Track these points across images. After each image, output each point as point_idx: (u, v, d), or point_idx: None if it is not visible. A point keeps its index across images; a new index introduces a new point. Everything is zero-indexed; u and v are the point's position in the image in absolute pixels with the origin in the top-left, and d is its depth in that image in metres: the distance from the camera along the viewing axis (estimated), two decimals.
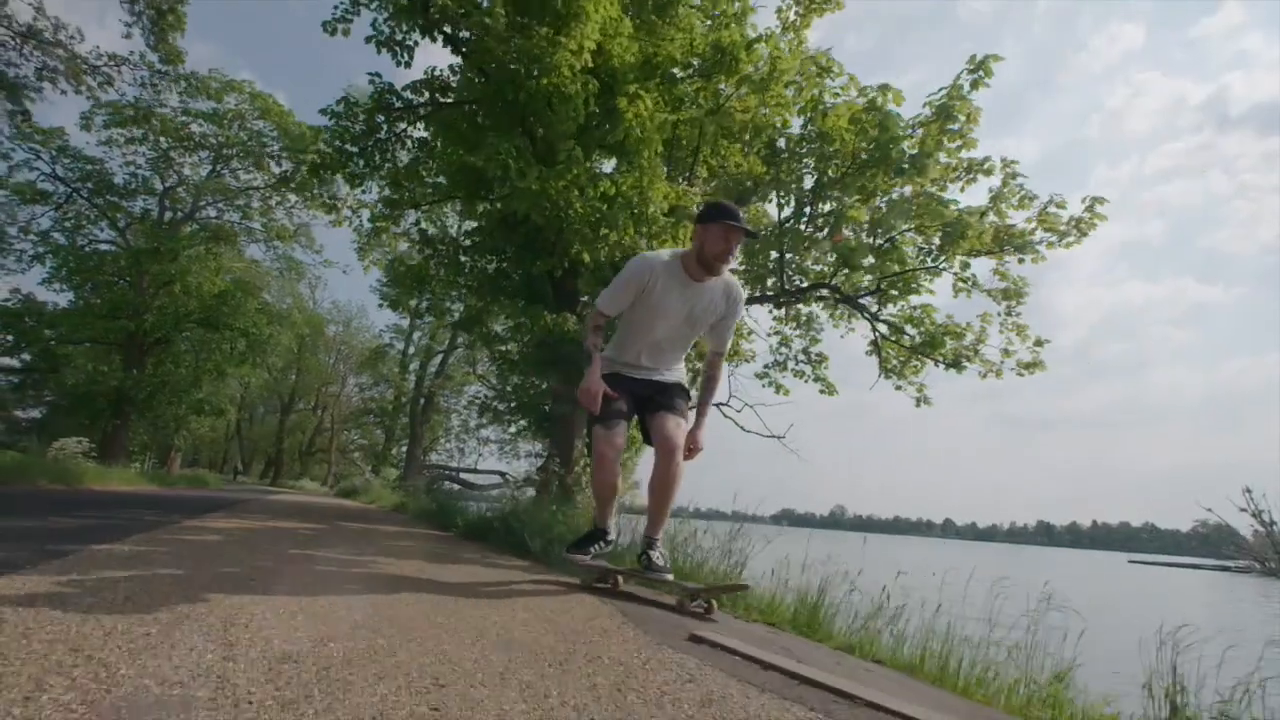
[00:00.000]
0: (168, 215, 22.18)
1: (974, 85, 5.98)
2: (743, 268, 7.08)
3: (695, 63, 7.27)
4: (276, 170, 20.87)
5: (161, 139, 19.66)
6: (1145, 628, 2.47)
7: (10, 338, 19.29)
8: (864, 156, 5.65)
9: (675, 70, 7.26)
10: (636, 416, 2.77)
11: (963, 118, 5.85)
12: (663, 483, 2.60)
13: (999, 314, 6.84)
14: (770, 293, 6.84)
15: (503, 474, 19.01)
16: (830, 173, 6.01)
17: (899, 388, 7.72)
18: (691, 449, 2.63)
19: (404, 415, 25.03)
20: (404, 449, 25.70)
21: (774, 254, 6.75)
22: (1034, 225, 6.27)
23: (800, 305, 7.23)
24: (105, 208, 20.61)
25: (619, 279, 2.69)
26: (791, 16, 7.10)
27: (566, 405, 7.02)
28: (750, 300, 7.09)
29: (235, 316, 20.91)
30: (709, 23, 7.88)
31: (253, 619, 1.66)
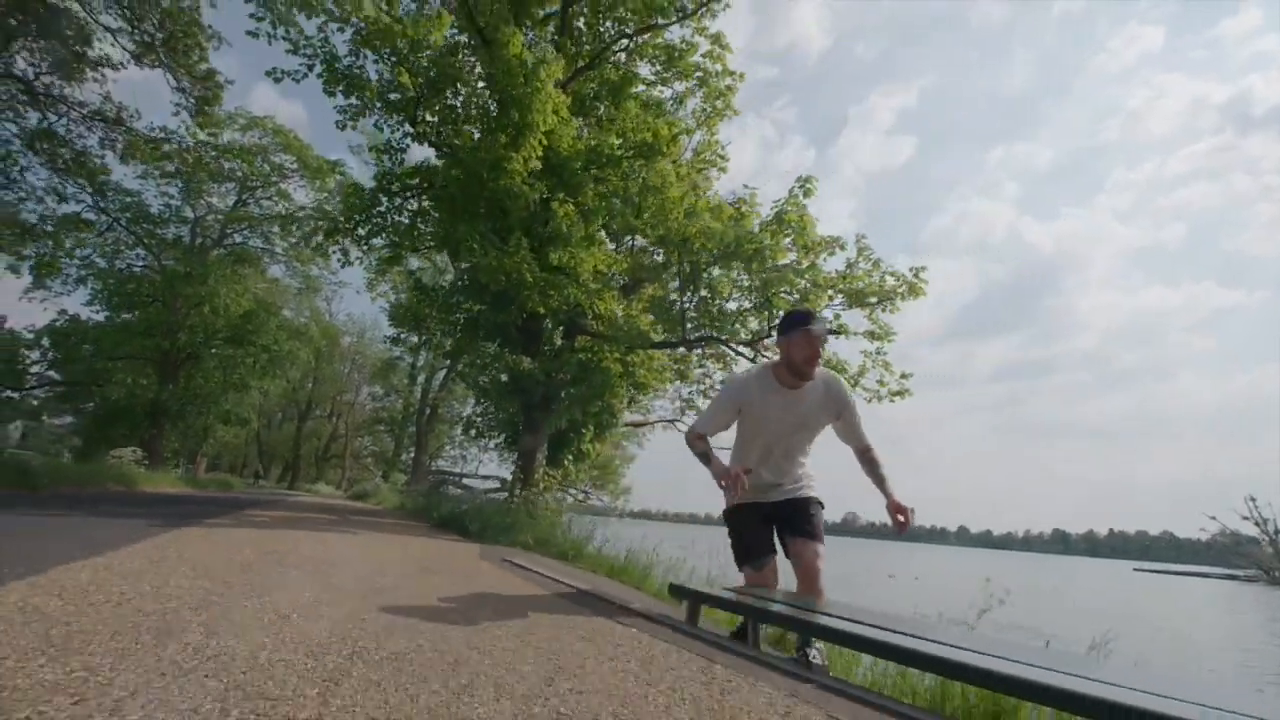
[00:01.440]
0: (198, 241, 24.39)
1: (806, 194, 7.93)
2: (657, 326, 8.92)
3: (630, 152, 9.09)
4: (299, 200, 23.02)
5: (194, 173, 21.81)
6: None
7: (56, 355, 21.54)
8: (728, 248, 7.45)
9: (616, 153, 9.08)
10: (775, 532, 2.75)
11: (795, 220, 7.69)
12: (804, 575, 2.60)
13: (871, 353, 8.62)
14: (674, 340, 8.69)
15: (501, 479, 20.91)
16: (703, 260, 7.84)
17: None
18: (902, 514, 2.50)
19: (411, 424, 27.01)
20: (412, 455, 27.72)
21: (675, 308, 8.62)
22: (880, 284, 8.07)
23: (699, 350, 9.14)
24: (142, 235, 22.79)
25: (715, 403, 2.83)
26: (694, 123, 8.98)
27: (528, 437, 8.87)
28: (661, 345, 8.95)
29: (259, 334, 22.99)
30: (648, 117, 9.71)
31: (301, 549, 3.49)
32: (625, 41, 10.46)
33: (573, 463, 10.20)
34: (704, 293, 8.33)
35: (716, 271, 8.19)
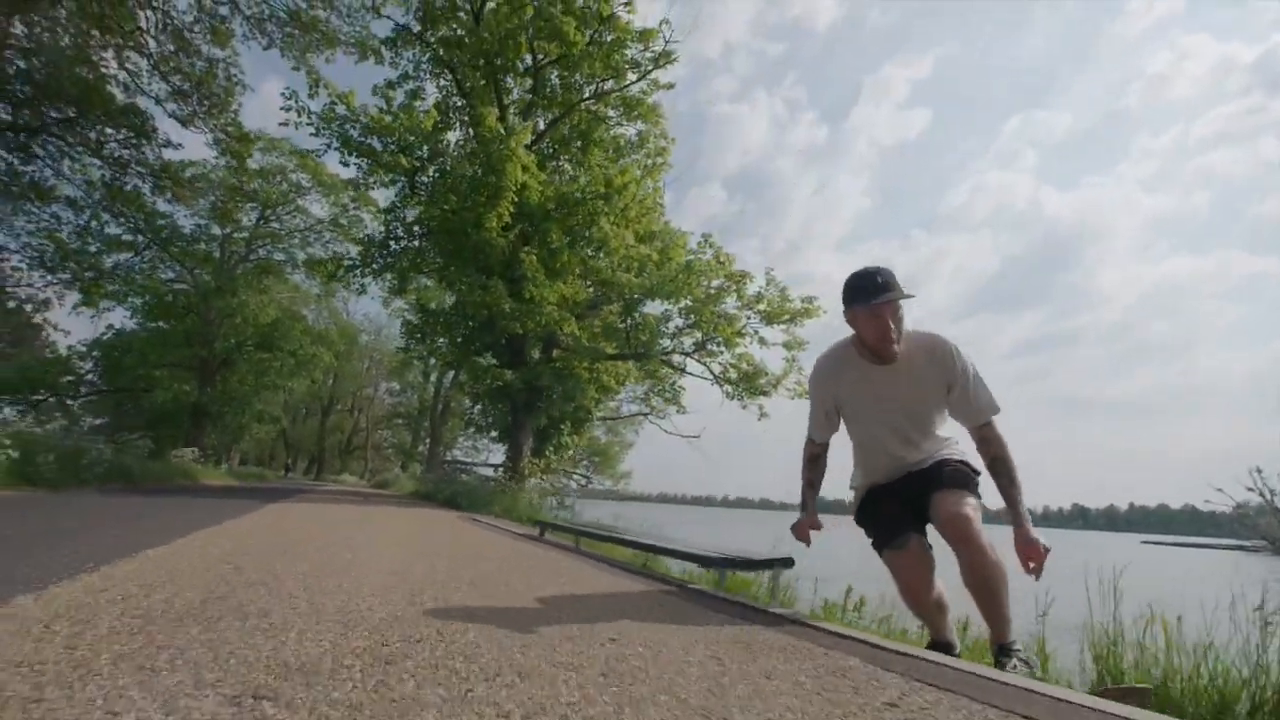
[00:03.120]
0: (228, 257, 26.79)
1: (710, 245, 10.13)
2: (611, 343, 11.14)
3: (592, 195, 11.11)
4: (316, 213, 25.41)
5: (227, 202, 24.09)
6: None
7: (105, 365, 24.13)
8: (649, 291, 9.57)
9: (579, 195, 11.09)
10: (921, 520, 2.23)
11: (709, 264, 9.88)
12: (975, 579, 2.02)
13: (787, 359, 10.69)
14: (625, 353, 10.80)
15: (506, 467, 23.30)
16: (633, 298, 9.96)
17: (744, 407, 11.51)
18: (1033, 557, 1.99)
19: (426, 419, 29.38)
20: (428, 446, 30.13)
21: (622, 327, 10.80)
22: (785, 307, 10.18)
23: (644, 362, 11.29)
24: (177, 254, 25.19)
25: (811, 406, 2.47)
26: (639, 172, 11.04)
27: (515, 434, 11.05)
28: (612, 357, 11.04)
29: (285, 339, 25.43)
30: (610, 163, 11.75)
31: (351, 515, 5.62)
32: (589, 92, 12.43)
33: (554, 452, 12.34)
34: (638, 319, 10.49)
35: (646, 307, 10.40)
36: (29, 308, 16.70)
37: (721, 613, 2.31)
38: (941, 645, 2.28)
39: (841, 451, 2.49)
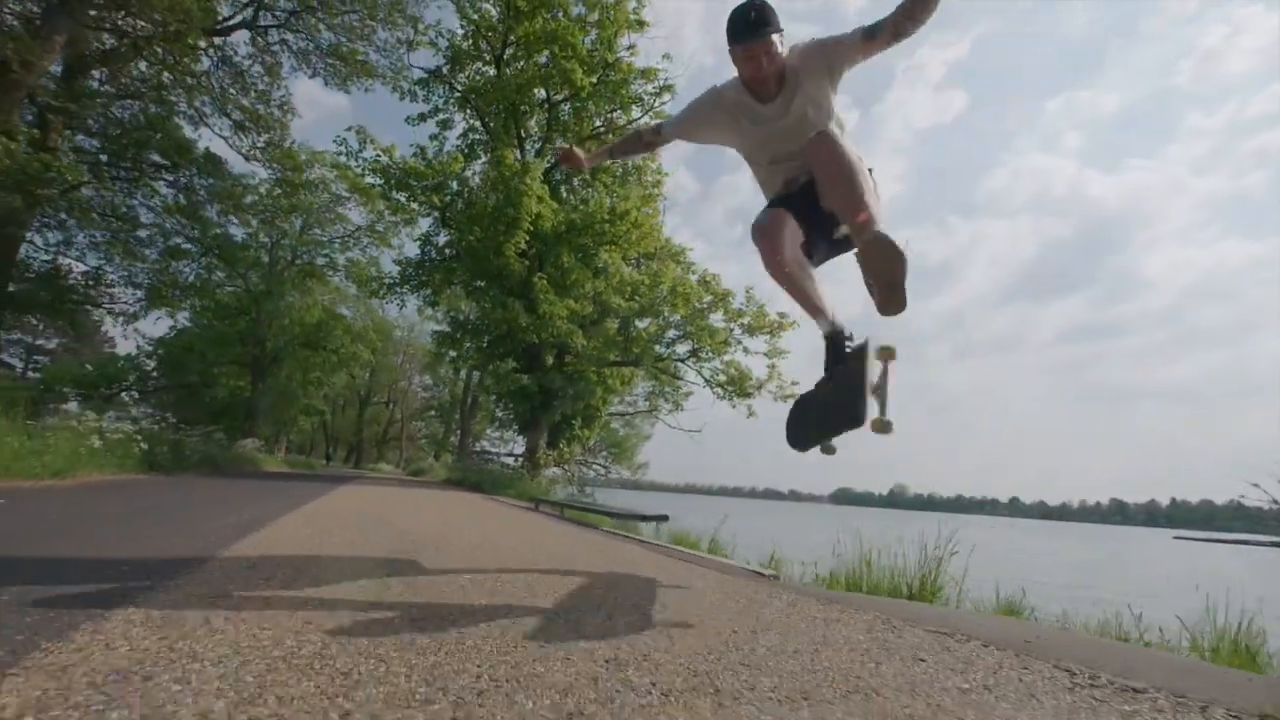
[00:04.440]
0: (276, 264, 29.08)
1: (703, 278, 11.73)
2: (614, 352, 12.80)
3: (599, 221, 12.73)
4: (355, 220, 27.49)
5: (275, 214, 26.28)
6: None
7: (168, 363, 26.63)
8: (640, 310, 11.21)
9: (596, 217, 12.70)
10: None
11: (694, 286, 11.54)
12: (820, 170, 1.95)
13: (770, 366, 12.26)
14: (627, 360, 12.48)
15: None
16: (629, 315, 11.61)
17: (734, 406, 13.09)
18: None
19: (457, 412, 31.47)
20: (458, 437, 32.25)
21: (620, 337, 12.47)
22: (764, 321, 11.73)
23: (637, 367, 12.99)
24: (231, 261, 27.52)
25: (686, 109, 2.33)
26: (638, 201, 12.68)
27: (531, 430, 12.77)
28: (615, 364, 12.68)
29: (328, 338, 27.70)
30: (618, 188, 13.37)
31: (403, 496, 7.36)
32: (599, 123, 14.04)
33: (566, 445, 14.06)
34: (632, 333, 12.17)
35: (639, 323, 12.06)
36: (121, 320, 18.89)
37: (620, 539, 3.92)
38: (833, 337, 2.12)
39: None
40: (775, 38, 2.01)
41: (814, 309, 2.16)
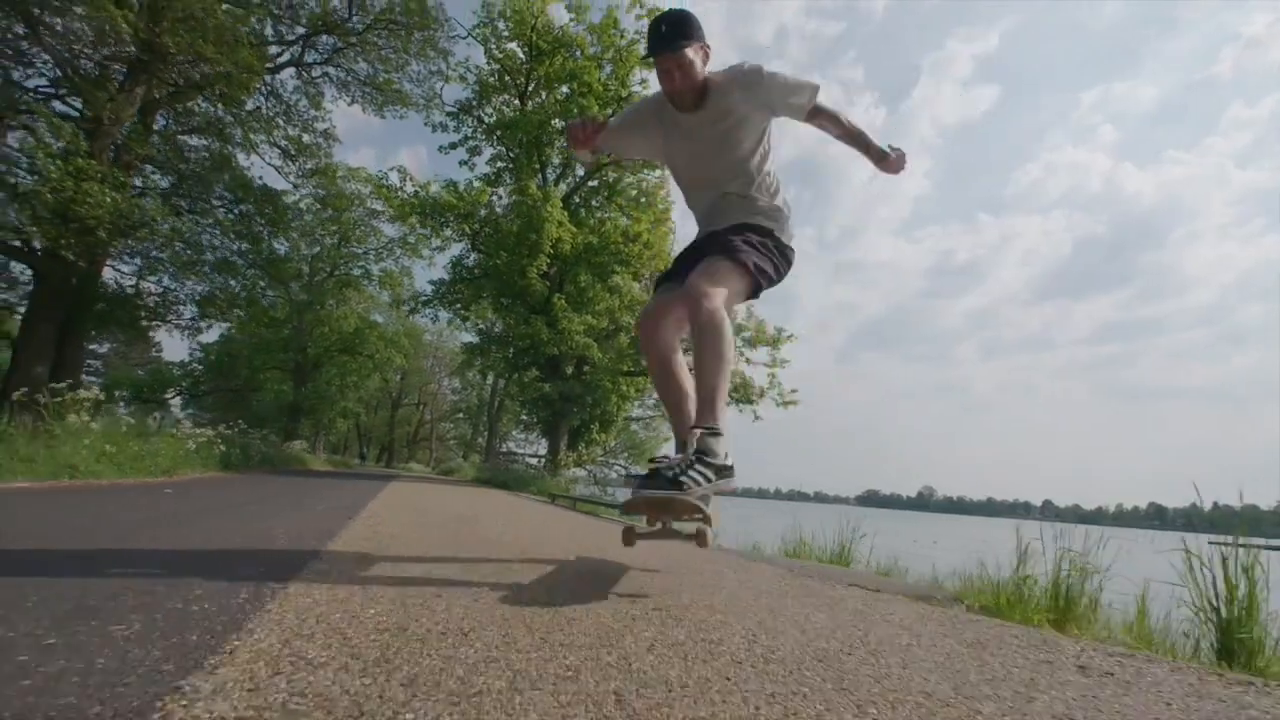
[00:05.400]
0: (315, 275, 30.81)
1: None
2: (627, 362, 13.90)
3: (616, 239, 13.89)
4: (388, 233, 28.98)
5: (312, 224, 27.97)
6: None
7: (217, 369, 28.45)
8: None
9: (610, 240, 13.88)
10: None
11: None
12: (692, 330, 1.88)
13: (771, 375, 13.30)
14: (637, 370, 13.59)
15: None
16: None
17: (740, 412, 14.12)
18: (890, 166, 2.07)
19: (484, 414, 32.96)
20: (485, 438, 33.78)
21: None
22: (763, 335, 12.75)
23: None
24: (277, 275, 29.24)
25: (621, 115, 2.26)
26: (649, 225, 13.80)
27: (552, 433, 13.98)
28: (628, 374, 13.79)
29: (364, 345, 29.33)
30: (632, 209, 14.52)
31: (443, 491, 8.61)
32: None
33: (585, 447, 15.24)
34: None
35: None
36: (186, 334, 20.45)
37: (606, 521, 5.06)
38: (696, 449, 1.82)
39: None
40: (688, 51, 1.95)
41: (674, 409, 2.11)
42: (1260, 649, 1.89)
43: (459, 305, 14.67)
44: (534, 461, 28.81)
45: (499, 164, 14.98)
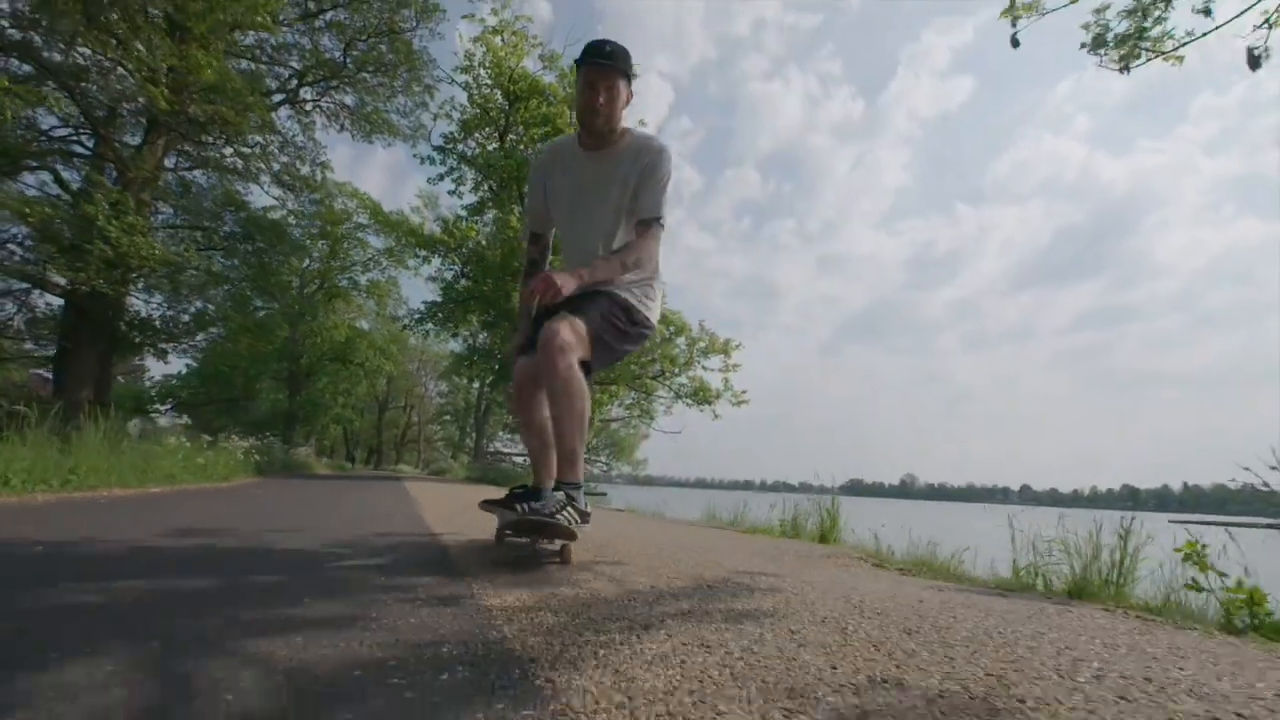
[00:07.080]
0: (306, 287, 32.12)
1: (665, 317, 14.62)
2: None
3: None
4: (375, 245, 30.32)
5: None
6: None
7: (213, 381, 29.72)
8: None
9: None
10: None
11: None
12: (547, 390, 1.94)
13: (724, 379, 15.29)
14: (602, 380, 15.45)
15: None
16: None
17: (701, 411, 16.07)
18: (546, 288, 1.84)
19: (472, 416, 34.64)
20: (474, 439, 35.46)
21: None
22: (715, 345, 14.68)
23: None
24: (266, 284, 30.54)
25: (530, 187, 2.33)
26: None
27: None
28: (602, 383, 15.63)
29: (355, 354, 30.85)
30: None
31: (440, 489, 10.36)
32: None
33: None
34: None
35: None
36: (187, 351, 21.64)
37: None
38: (529, 491, 2.04)
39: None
40: (620, 81, 1.98)
41: (536, 457, 2.25)
42: (1102, 589, 2.36)
43: (450, 324, 16.35)
44: (520, 460, 30.60)
45: (482, 194, 16.67)
